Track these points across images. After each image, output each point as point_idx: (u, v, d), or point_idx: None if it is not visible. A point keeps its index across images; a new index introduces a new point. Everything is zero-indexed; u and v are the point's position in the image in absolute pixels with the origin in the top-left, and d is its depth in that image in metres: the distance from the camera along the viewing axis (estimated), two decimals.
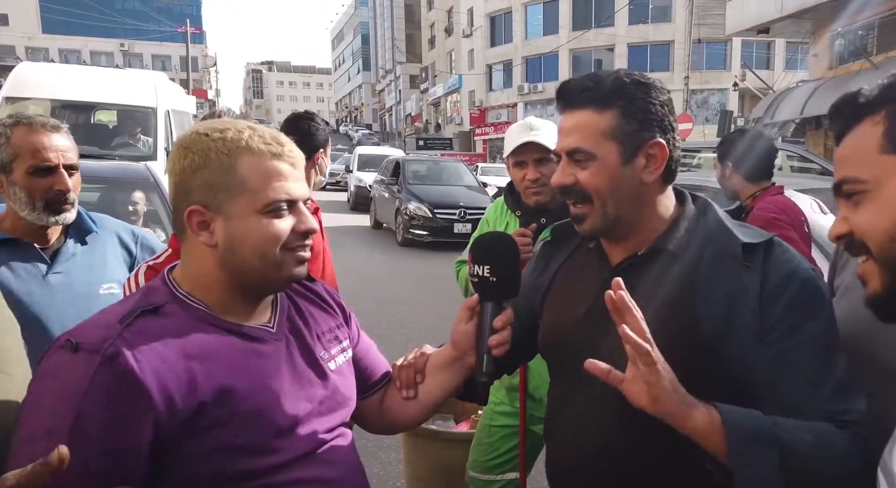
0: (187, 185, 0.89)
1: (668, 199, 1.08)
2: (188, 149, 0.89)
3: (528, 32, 32.18)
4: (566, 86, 1.06)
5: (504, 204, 2.13)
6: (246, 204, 0.88)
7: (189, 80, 30.35)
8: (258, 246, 0.88)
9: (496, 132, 31.89)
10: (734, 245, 1.02)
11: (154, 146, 6.82)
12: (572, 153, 1.03)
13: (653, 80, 1.04)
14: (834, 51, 13.46)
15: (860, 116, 0.71)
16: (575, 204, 1.06)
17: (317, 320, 1.03)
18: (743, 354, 0.96)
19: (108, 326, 0.83)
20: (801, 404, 0.92)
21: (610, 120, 1.00)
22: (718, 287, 0.99)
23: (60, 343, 0.83)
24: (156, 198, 3.39)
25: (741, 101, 24.97)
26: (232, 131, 0.89)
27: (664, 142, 1.02)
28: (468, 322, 1.07)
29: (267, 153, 0.89)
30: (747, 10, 13.82)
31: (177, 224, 0.92)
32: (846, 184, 0.70)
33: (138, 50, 47.85)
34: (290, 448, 0.90)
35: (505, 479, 2.02)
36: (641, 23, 28.95)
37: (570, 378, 1.11)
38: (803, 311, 0.96)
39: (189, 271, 0.93)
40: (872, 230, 0.67)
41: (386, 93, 56.28)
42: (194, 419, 0.83)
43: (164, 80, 8.16)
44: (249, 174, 0.88)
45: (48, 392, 0.80)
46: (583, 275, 1.15)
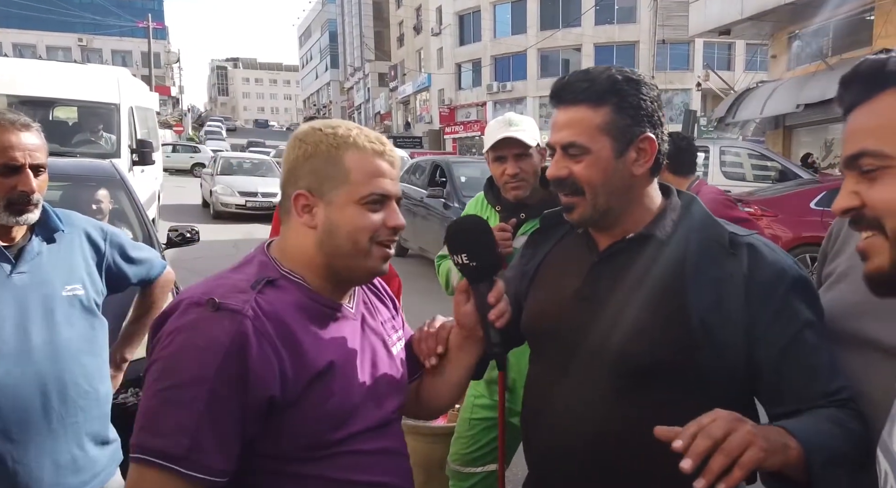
0: (297, 172, 0.99)
1: (655, 192, 1.13)
2: (302, 141, 0.99)
3: (496, 31, 32.33)
4: (562, 83, 1.09)
5: (484, 199, 2.15)
6: (347, 193, 0.97)
7: (151, 77, 29.56)
8: (352, 233, 0.97)
9: (466, 131, 31.98)
10: (720, 234, 1.07)
11: (117, 143, 6.63)
12: (567, 147, 1.07)
13: (643, 76, 1.08)
14: (792, 52, 13.91)
15: (881, 87, 0.66)
16: (567, 195, 1.09)
17: (379, 310, 1.13)
18: (733, 339, 1.00)
19: (242, 291, 0.92)
20: (801, 390, 0.98)
21: (604, 115, 1.05)
22: (706, 273, 1.03)
23: (196, 300, 0.90)
24: (122, 196, 3.29)
25: (704, 101, 25.60)
26: (342, 128, 0.99)
27: (653, 137, 1.07)
28: (466, 303, 1.12)
29: (371, 150, 0.98)
30: (709, 12, 14.17)
31: (283, 205, 1.02)
32: (866, 158, 0.66)
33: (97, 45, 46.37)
34: (365, 419, 0.99)
35: (485, 471, 2.04)
36: (607, 23, 29.40)
37: (556, 359, 1.13)
38: (799, 304, 1.01)
39: (289, 250, 1.01)
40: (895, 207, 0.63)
41: (354, 91, 55.83)
42: (307, 386, 0.92)
43: (126, 75, 7.92)
44: (353, 167, 0.97)
45: (191, 344, 0.87)
46: (570, 259, 1.18)
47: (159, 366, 0.89)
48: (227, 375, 0.86)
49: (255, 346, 0.88)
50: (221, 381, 0.86)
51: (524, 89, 30.68)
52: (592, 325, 1.07)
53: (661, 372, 1.02)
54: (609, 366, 1.04)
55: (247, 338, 0.87)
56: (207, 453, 0.85)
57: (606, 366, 1.05)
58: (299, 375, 0.92)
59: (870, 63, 0.68)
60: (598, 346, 1.06)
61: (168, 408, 0.86)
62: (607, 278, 1.10)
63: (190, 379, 0.86)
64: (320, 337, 0.96)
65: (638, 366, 1.02)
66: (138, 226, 3.18)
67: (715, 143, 9.99)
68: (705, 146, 9.31)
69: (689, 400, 1.00)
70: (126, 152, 6.62)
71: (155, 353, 0.91)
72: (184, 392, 0.86)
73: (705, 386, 1.01)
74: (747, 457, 0.77)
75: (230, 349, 0.86)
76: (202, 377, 0.86)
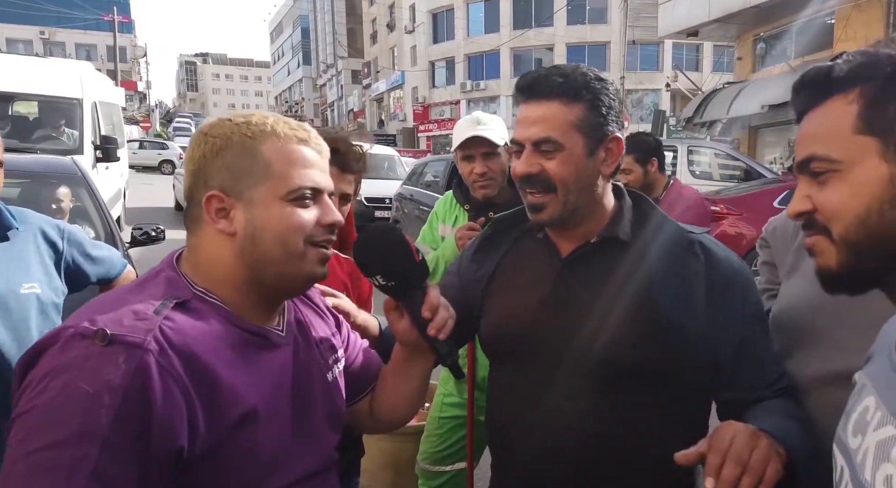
0: (206, 171, 0.83)
1: (610, 192, 1.14)
2: (207, 135, 0.84)
3: (470, 30, 32.35)
4: (534, 76, 1.06)
5: (453, 198, 2.16)
6: (269, 189, 0.82)
7: (117, 71, 28.84)
8: (281, 234, 0.82)
9: (440, 129, 31.94)
10: (679, 233, 1.10)
11: (80, 139, 6.45)
12: (539, 143, 1.03)
13: (610, 79, 1.08)
14: (756, 54, 14.25)
15: (830, 92, 0.67)
16: (535, 193, 1.06)
17: (315, 327, 0.98)
18: (701, 336, 1.03)
19: (143, 317, 0.74)
20: (752, 380, 1.05)
21: (578, 112, 1.03)
22: (671, 273, 1.06)
23: (80, 331, 0.71)
24: (83, 193, 3.22)
25: (673, 101, 26.04)
26: (256, 116, 0.86)
27: (621, 138, 1.07)
28: (400, 320, 0.99)
29: (293, 138, 0.85)
30: (677, 14, 14.42)
31: (191, 213, 0.85)
32: (815, 162, 0.67)
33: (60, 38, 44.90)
34: (296, 468, 0.85)
35: (454, 470, 2.05)
36: (579, 23, 29.68)
37: (528, 366, 1.12)
38: (750, 299, 1.07)
39: (202, 265, 0.84)
40: (843, 211, 0.65)
41: (327, 88, 55.28)
42: (226, 436, 0.76)
43: (90, 70, 7.70)
44: (274, 158, 0.83)
45: (74, 389, 0.68)
46: (532, 265, 1.16)
47: (29, 420, 0.68)
48: (126, 425, 0.68)
49: (158, 388, 0.70)
50: (118, 433, 0.67)
51: (497, 88, 30.78)
52: (566, 331, 1.07)
53: (639, 372, 1.04)
54: (587, 369, 1.05)
55: (148, 377, 0.70)
56: None
57: (585, 369, 1.06)
58: (215, 423, 0.75)
59: (816, 70, 0.70)
60: (573, 351, 1.06)
61: (40, 478, 0.65)
62: (576, 283, 1.10)
63: (73, 435, 0.66)
64: (243, 374, 0.79)
65: (616, 367, 1.04)
66: (100, 224, 3.11)
67: (683, 143, 10.19)
68: (674, 146, 9.48)
69: (665, 396, 1.05)
70: (89, 148, 6.44)
71: (22, 403, 0.70)
72: (64, 452, 0.65)
73: (679, 383, 1.05)
74: (770, 474, 0.80)
75: (128, 391, 0.68)
76: (91, 431, 0.66)
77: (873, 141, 0.64)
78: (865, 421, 0.65)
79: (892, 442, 0.59)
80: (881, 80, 0.64)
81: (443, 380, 2.15)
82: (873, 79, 0.65)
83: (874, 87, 0.64)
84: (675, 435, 1.02)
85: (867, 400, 0.67)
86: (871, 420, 0.64)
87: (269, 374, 0.84)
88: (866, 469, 0.62)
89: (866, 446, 0.63)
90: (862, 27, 10.93)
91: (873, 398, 0.66)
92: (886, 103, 0.63)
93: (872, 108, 0.64)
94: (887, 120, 0.63)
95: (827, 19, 11.97)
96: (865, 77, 0.65)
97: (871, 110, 0.64)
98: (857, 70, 0.66)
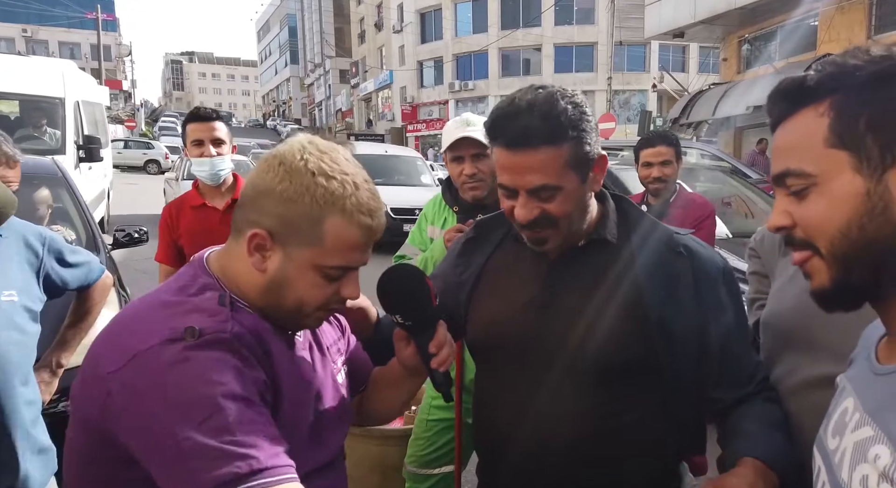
0: (266, 205, 0.84)
1: (593, 198, 1.14)
2: (288, 175, 0.83)
3: (458, 30, 32.38)
4: (512, 126, 1.00)
5: (442, 199, 2.15)
6: (311, 256, 0.85)
7: (101, 70, 28.51)
8: (301, 297, 0.87)
9: (428, 129, 31.97)
10: (665, 234, 1.11)
11: (62, 139, 6.35)
12: (536, 191, 1.01)
13: (580, 96, 1.04)
14: (742, 56, 14.40)
15: (802, 103, 0.66)
16: (537, 230, 1.05)
17: (325, 332, 1.03)
18: (688, 333, 1.05)
19: (214, 313, 0.81)
20: (736, 376, 1.08)
21: (567, 151, 1.00)
22: (659, 272, 1.07)
23: (165, 337, 0.76)
24: (64, 194, 3.16)
25: (660, 102, 26.26)
26: (337, 180, 0.84)
27: (605, 154, 1.08)
28: (407, 347, 1.04)
29: (358, 217, 0.85)
30: (664, 15, 14.54)
31: (239, 224, 0.88)
32: (790, 178, 0.66)
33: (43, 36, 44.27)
34: (309, 460, 0.88)
35: (442, 473, 2.04)
36: (567, 24, 29.81)
37: (513, 369, 1.13)
38: (733, 297, 1.10)
39: (234, 276, 0.88)
40: (825, 225, 0.64)
41: (315, 87, 55.06)
42: (277, 413, 0.82)
43: (72, 68, 7.59)
44: (333, 234, 0.84)
45: (193, 375, 0.74)
46: (518, 267, 1.17)
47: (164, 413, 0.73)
48: (248, 387, 0.76)
49: (245, 368, 0.78)
50: (247, 390, 0.76)
51: (486, 88, 30.83)
52: (555, 332, 1.08)
53: (628, 370, 1.06)
54: (577, 370, 1.06)
55: (240, 358, 0.78)
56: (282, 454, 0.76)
57: (574, 370, 1.07)
58: (275, 399, 0.83)
59: (790, 81, 0.68)
60: (562, 352, 1.07)
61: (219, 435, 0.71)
62: (563, 285, 1.11)
63: (221, 395, 0.73)
64: (285, 363, 0.87)
65: (606, 367, 1.05)
66: (82, 226, 3.07)
67: None
68: None
69: (653, 394, 1.07)
70: (72, 148, 6.35)
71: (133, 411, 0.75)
72: (222, 412, 0.72)
73: (668, 380, 1.06)
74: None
75: (238, 366, 0.77)
76: (228, 392, 0.74)
77: (846, 155, 0.62)
78: (844, 423, 0.66)
79: (869, 442, 0.60)
80: (851, 91, 0.63)
81: (430, 384, 2.13)
82: (843, 90, 0.63)
83: (844, 99, 0.63)
84: (664, 432, 1.06)
85: (846, 401, 0.68)
86: (849, 421, 0.65)
87: (297, 371, 0.91)
88: (843, 469, 0.63)
89: (844, 447, 0.64)
90: (845, 29, 11.09)
91: (852, 399, 0.66)
92: (857, 115, 0.62)
93: (843, 120, 0.63)
94: (858, 134, 0.62)
95: (811, 21, 12.12)
96: (835, 88, 0.64)
97: (842, 123, 0.63)
98: (827, 80, 0.64)
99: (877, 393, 0.63)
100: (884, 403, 0.61)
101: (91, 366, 0.80)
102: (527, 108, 0.99)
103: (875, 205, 0.61)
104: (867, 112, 0.62)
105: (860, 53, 0.63)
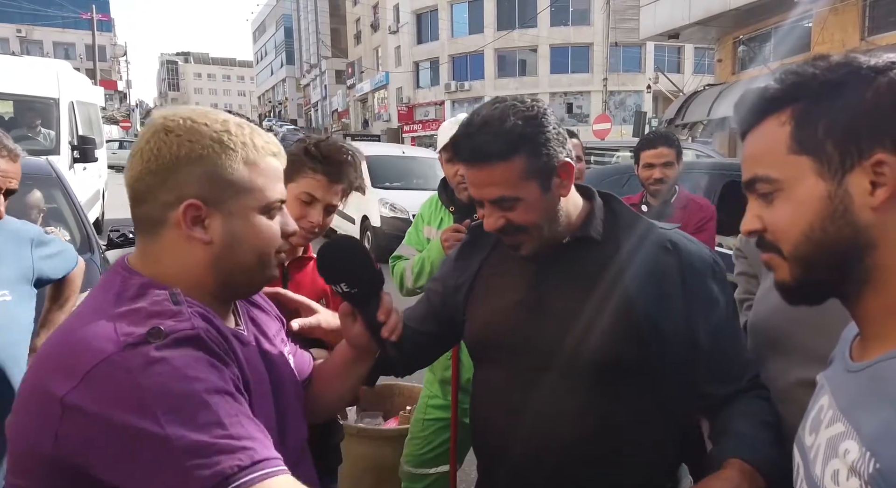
0: (179, 176, 0.80)
1: (577, 197, 1.16)
2: (182, 138, 0.80)
3: (454, 30, 32.39)
4: (467, 143, 1.06)
5: (438, 200, 2.15)
6: (249, 200, 0.83)
7: (96, 70, 28.37)
8: (257, 246, 0.85)
9: (424, 129, 31.94)
10: (652, 231, 1.12)
11: (56, 139, 6.33)
12: (497, 202, 1.06)
13: (538, 106, 1.06)
14: (737, 57, 14.45)
15: (765, 113, 0.69)
16: (510, 236, 1.10)
17: (266, 324, 1.01)
18: (677, 329, 1.06)
19: (172, 313, 0.76)
20: (727, 371, 1.08)
21: (520, 164, 1.03)
22: (645, 268, 1.08)
23: (129, 341, 0.70)
24: (58, 195, 3.15)
25: (655, 103, 26.31)
26: (232, 124, 0.84)
27: (569, 160, 1.08)
28: (354, 324, 1.03)
29: (268, 151, 0.86)
30: (659, 16, 14.58)
31: (146, 214, 0.82)
32: (759, 183, 0.69)
33: (37, 36, 44.11)
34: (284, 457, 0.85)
35: (438, 473, 2.04)
36: (563, 25, 29.85)
37: (507, 370, 1.14)
38: (722, 292, 1.10)
39: (166, 270, 0.82)
40: (789, 229, 0.67)
41: (311, 88, 54.97)
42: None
43: (67, 68, 7.56)
44: (254, 172, 0.84)
45: (168, 375, 0.69)
46: (509, 268, 1.18)
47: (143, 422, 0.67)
48: (226, 380, 0.74)
49: (218, 362, 0.75)
50: (227, 383, 0.73)
51: (482, 89, 30.84)
52: (543, 332, 1.09)
53: (618, 368, 1.06)
54: (567, 368, 1.07)
55: (212, 354, 0.75)
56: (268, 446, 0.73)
57: (564, 369, 1.07)
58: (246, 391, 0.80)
59: (752, 91, 0.71)
60: (551, 351, 1.08)
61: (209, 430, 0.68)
62: (550, 284, 1.12)
63: (204, 390, 0.70)
64: (245, 359, 0.84)
65: (599, 365, 1.06)
66: (76, 227, 3.06)
67: None
68: None
69: (646, 391, 1.07)
70: (66, 149, 6.33)
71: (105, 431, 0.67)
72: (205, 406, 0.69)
73: (659, 377, 1.07)
74: None
75: (211, 361, 0.74)
76: (210, 387, 0.71)
77: (808, 160, 0.65)
78: (819, 420, 0.67)
79: (840, 438, 0.61)
80: (809, 100, 0.66)
81: (427, 383, 2.14)
82: (801, 99, 0.66)
83: (803, 107, 0.66)
84: (659, 428, 1.06)
85: (823, 399, 0.69)
86: (823, 418, 0.67)
87: (254, 368, 0.86)
88: (817, 465, 0.64)
89: (819, 443, 0.65)
90: (838, 30, 11.15)
91: (827, 397, 0.68)
92: (815, 122, 0.64)
93: (802, 127, 0.65)
94: (817, 140, 0.64)
95: (805, 23, 12.18)
96: (794, 97, 0.66)
97: (802, 130, 0.65)
98: (787, 90, 0.67)
99: (849, 390, 0.64)
100: (855, 400, 0.62)
101: (33, 395, 0.72)
102: (480, 126, 1.04)
103: (836, 208, 0.63)
104: (825, 119, 0.64)
105: (820, 62, 0.66)
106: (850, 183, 0.63)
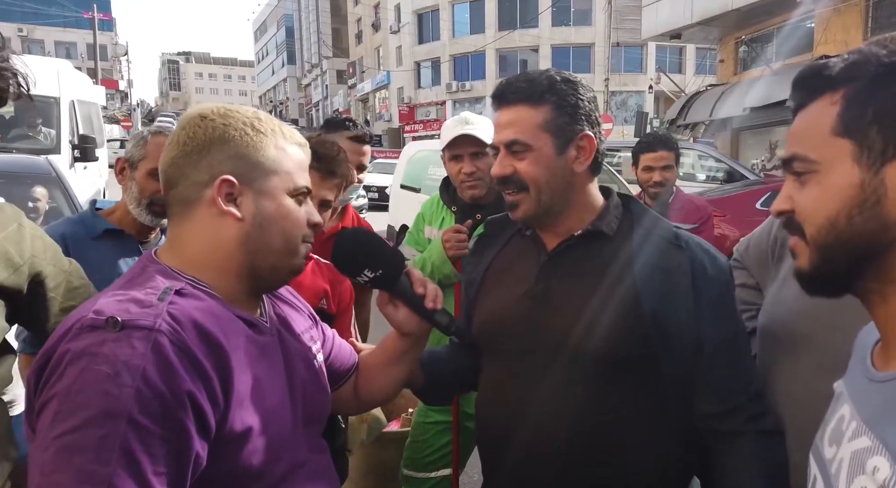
0: (211, 155, 0.84)
1: (596, 191, 1.16)
2: (217, 122, 0.85)
3: (455, 31, 32.39)
4: (503, 85, 1.12)
5: (440, 199, 2.12)
6: (279, 182, 0.86)
7: (97, 70, 28.39)
8: (286, 228, 0.87)
9: (425, 129, 31.92)
10: (666, 229, 1.11)
11: (57, 138, 6.33)
12: (510, 145, 1.09)
13: (580, 78, 1.12)
14: (738, 57, 14.42)
15: (819, 91, 0.67)
16: (511, 193, 1.11)
17: (294, 320, 1.01)
18: (682, 329, 1.04)
19: (148, 305, 0.74)
20: (728, 386, 1.05)
21: (544, 114, 1.07)
22: (655, 265, 1.07)
23: (89, 322, 0.71)
24: (58, 193, 3.15)
25: (657, 103, 26.30)
26: (263, 114, 0.89)
27: (592, 135, 1.09)
28: (397, 310, 1.05)
29: (295, 141, 0.90)
30: (661, 17, 14.55)
31: (180, 195, 0.85)
32: (796, 162, 0.67)
33: (39, 35, 44.11)
34: (298, 452, 0.87)
35: (439, 476, 2.02)
36: (564, 25, 29.84)
37: (512, 363, 1.13)
38: (733, 304, 1.10)
39: (191, 253, 0.85)
40: (815, 212, 0.65)
41: (312, 87, 55.00)
42: (232, 415, 0.76)
43: (68, 67, 7.56)
44: (283, 156, 0.87)
45: (93, 373, 0.68)
46: (520, 260, 1.19)
47: (52, 407, 0.69)
48: (150, 404, 0.69)
49: (177, 366, 0.71)
50: (143, 413, 0.68)
51: (483, 88, 30.83)
52: (547, 324, 1.09)
53: (625, 363, 1.05)
54: (570, 362, 1.06)
55: (165, 356, 0.71)
56: None
57: (566, 362, 1.06)
58: (230, 400, 0.76)
59: (811, 68, 0.69)
60: (556, 344, 1.07)
61: (69, 458, 0.65)
62: (558, 276, 1.11)
63: (98, 415, 0.67)
64: (247, 355, 0.81)
65: (603, 358, 1.05)
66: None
67: None
68: None
69: (650, 387, 1.06)
70: (67, 148, 6.33)
71: (43, 395, 0.71)
72: (90, 431, 0.66)
73: (662, 377, 1.05)
74: None
75: (147, 370, 0.69)
76: (114, 409, 0.67)
77: (849, 143, 0.63)
78: (841, 431, 0.65)
79: (866, 453, 0.58)
80: (864, 81, 0.63)
81: None
82: (858, 79, 0.63)
83: (857, 89, 0.63)
84: (664, 425, 1.05)
85: (843, 408, 0.66)
86: (846, 429, 0.64)
87: (267, 359, 0.86)
88: (841, 480, 0.61)
89: (841, 456, 0.62)
90: (841, 31, 11.12)
91: (849, 407, 0.65)
92: (865, 105, 0.62)
93: (851, 109, 0.63)
94: (864, 123, 0.62)
95: (807, 23, 12.15)
96: (851, 77, 0.64)
97: (850, 112, 0.63)
98: (847, 70, 0.65)
99: (874, 401, 0.62)
100: (881, 412, 0.59)
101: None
102: (521, 74, 1.12)
103: (867, 198, 0.61)
104: (876, 102, 0.61)
105: (888, 43, 0.63)
106: (888, 174, 0.60)
